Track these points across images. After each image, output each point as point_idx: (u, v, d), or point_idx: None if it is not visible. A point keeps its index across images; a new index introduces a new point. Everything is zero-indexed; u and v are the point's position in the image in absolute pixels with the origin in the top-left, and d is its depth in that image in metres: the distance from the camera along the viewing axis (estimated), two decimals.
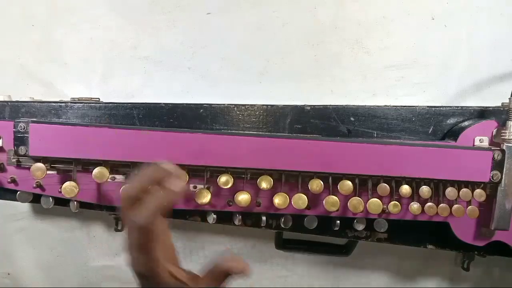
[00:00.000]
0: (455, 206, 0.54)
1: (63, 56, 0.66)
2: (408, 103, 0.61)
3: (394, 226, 0.57)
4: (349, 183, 0.52)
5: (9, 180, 0.53)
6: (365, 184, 0.53)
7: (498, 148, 0.53)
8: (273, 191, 0.53)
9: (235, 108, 0.57)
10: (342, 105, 0.58)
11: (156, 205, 0.36)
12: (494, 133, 0.55)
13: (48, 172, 0.51)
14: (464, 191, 0.53)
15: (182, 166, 0.51)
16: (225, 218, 0.57)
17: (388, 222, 0.56)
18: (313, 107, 0.57)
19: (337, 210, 0.53)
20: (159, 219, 0.37)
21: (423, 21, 0.65)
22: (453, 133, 0.56)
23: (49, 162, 0.52)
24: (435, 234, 0.59)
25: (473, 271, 0.68)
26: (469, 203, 0.54)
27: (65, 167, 0.53)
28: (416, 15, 0.65)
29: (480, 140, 0.54)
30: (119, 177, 0.53)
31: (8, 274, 0.72)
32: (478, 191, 0.53)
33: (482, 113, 0.57)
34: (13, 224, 0.70)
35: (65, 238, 0.70)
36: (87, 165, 0.52)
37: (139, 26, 0.66)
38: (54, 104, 0.56)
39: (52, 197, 0.54)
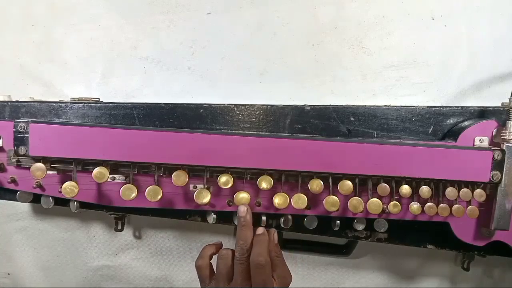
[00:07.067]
0: (455, 206, 0.54)
1: (63, 56, 0.66)
2: (408, 103, 0.61)
3: (394, 226, 0.57)
4: (349, 183, 0.52)
5: (9, 180, 0.53)
6: (365, 184, 0.53)
7: (498, 148, 0.53)
8: (273, 191, 0.52)
9: (235, 108, 0.57)
10: (342, 105, 0.58)
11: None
12: (494, 133, 0.55)
13: (48, 172, 0.51)
14: (464, 191, 0.53)
15: (182, 166, 0.51)
16: (225, 218, 0.57)
17: (388, 222, 0.56)
18: (313, 107, 0.57)
19: (337, 210, 0.53)
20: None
21: (423, 21, 0.65)
22: (453, 133, 0.56)
23: (49, 162, 0.52)
24: (435, 234, 0.59)
25: (473, 271, 0.68)
26: (469, 203, 0.54)
27: (65, 167, 0.52)
28: (416, 15, 0.65)
29: (480, 140, 0.54)
30: (119, 177, 0.53)
31: (8, 274, 0.72)
32: (478, 191, 0.53)
33: (482, 113, 0.57)
34: (13, 224, 0.70)
35: (65, 238, 0.70)
36: (87, 165, 0.52)
37: (139, 26, 0.66)
38: (54, 104, 0.56)
39: (52, 197, 0.54)
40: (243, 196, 0.53)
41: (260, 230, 0.53)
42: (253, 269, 0.48)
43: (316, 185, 0.52)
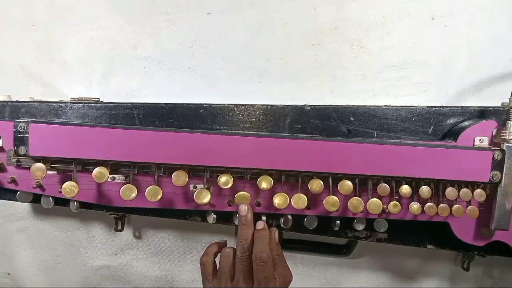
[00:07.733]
0: (455, 206, 0.54)
1: (63, 56, 0.66)
2: (408, 103, 0.61)
3: (394, 226, 0.57)
4: (349, 183, 0.52)
5: (9, 180, 0.53)
6: (365, 184, 0.53)
7: (498, 148, 0.53)
8: (273, 191, 0.52)
9: (235, 108, 0.57)
10: (342, 105, 0.58)
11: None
12: (494, 133, 0.55)
13: (48, 172, 0.51)
14: (464, 191, 0.53)
15: (182, 166, 0.51)
16: (225, 218, 0.57)
17: (388, 222, 0.56)
18: (313, 107, 0.57)
19: (337, 210, 0.53)
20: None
21: (423, 21, 0.65)
22: (453, 133, 0.56)
23: (49, 162, 0.52)
24: (435, 234, 0.59)
25: (473, 271, 0.68)
26: (469, 203, 0.54)
27: (65, 167, 0.52)
28: (416, 15, 0.65)
29: (480, 140, 0.54)
30: (119, 177, 0.53)
31: (8, 274, 0.72)
32: (478, 191, 0.53)
33: (482, 113, 0.57)
34: (13, 224, 0.70)
35: (65, 238, 0.70)
36: (87, 165, 0.52)
37: (139, 26, 0.66)
38: (54, 104, 0.56)
39: (52, 197, 0.54)
40: (243, 196, 0.53)
41: (261, 225, 0.52)
42: (255, 266, 0.48)
43: (316, 185, 0.52)
